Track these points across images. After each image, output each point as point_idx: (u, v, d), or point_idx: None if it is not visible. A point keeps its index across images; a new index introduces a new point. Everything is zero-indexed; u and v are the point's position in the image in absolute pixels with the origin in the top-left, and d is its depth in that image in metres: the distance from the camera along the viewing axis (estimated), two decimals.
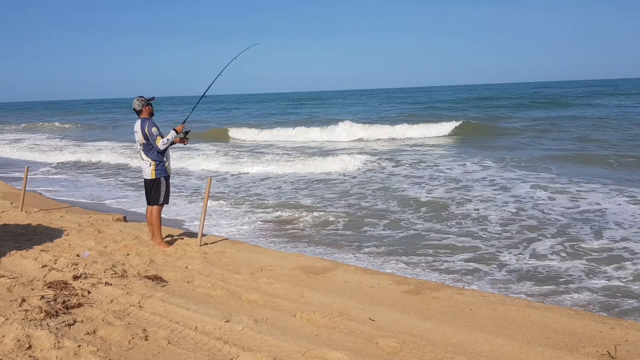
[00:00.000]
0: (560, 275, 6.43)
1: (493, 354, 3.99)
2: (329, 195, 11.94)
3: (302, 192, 12.53)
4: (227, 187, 13.60)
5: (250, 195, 12.39)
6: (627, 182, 11.84)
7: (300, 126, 29.24)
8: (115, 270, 5.81)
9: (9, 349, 3.71)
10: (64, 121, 49.25)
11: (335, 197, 11.67)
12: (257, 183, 14.12)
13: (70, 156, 21.50)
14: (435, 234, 8.39)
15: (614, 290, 5.88)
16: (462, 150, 19.55)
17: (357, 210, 10.17)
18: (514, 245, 7.65)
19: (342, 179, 13.94)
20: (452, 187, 11.93)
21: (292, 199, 11.55)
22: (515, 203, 10.15)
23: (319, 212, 10.00)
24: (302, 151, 21.15)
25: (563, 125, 25.36)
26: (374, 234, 8.62)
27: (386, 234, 8.54)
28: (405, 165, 15.48)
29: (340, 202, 11.09)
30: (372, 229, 8.86)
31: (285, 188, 13.10)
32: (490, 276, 6.51)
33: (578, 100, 43.26)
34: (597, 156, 15.96)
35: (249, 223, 9.54)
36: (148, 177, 6.97)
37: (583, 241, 7.65)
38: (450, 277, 6.49)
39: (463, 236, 8.20)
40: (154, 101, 7.07)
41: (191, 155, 19.12)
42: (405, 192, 11.75)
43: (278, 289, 5.45)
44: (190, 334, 4.20)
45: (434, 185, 12.35)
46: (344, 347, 4.00)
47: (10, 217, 8.89)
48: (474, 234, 8.32)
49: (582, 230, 8.19)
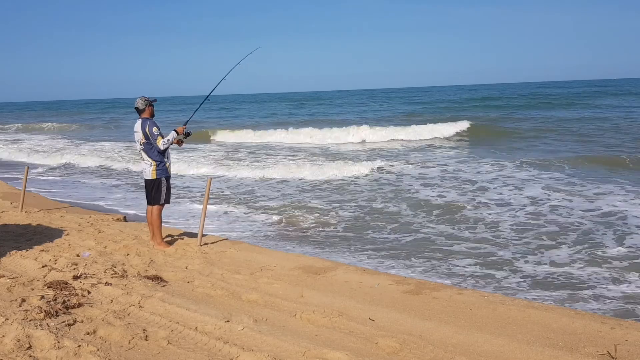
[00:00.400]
0: (583, 282, 6.24)
1: (493, 354, 3.99)
2: (337, 197, 11.81)
3: (308, 194, 12.37)
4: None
5: (257, 197, 12.32)
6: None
7: (304, 127, 28.50)
8: (115, 270, 5.81)
9: (9, 349, 3.71)
10: (66, 121, 48.95)
11: (345, 199, 11.52)
12: (266, 185, 14.03)
13: (71, 158, 21.40)
14: (447, 239, 8.20)
15: (637, 300, 5.71)
16: (473, 150, 19.40)
17: (366, 213, 10.06)
18: (530, 251, 7.41)
19: (350, 180, 13.75)
20: (466, 189, 11.69)
21: (300, 201, 11.46)
22: (532, 205, 9.90)
23: (328, 214, 9.96)
24: (310, 152, 20.90)
25: (570, 125, 25.03)
26: (385, 236, 8.52)
27: (392, 237, 8.45)
28: (415, 166, 15.26)
29: (350, 204, 10.94)
30: (380, 232, 8.76)
31: (291, 190, 12.95)
32: (505, 282, 6.35)
33: (582, 100, 42.87)
34: (610, 156, 15.64)
35: (261, 225, 9.49)
36: (149, 178, 6.97)
37: (605, 247, 7.41)
38: (465, 283, 6.33)
39: (476, 241, 8.01)
40: (156, 103, 7.10)
41: (191, 157, 19.05)
42: (417, 194, 11.55)
43: (278, 289, 5.45)
44: (190, 334, 4.20)
45: (446, 187, 12.11)
46: (344, 347, 4.00)
47: (10, 217, 8.89)
48: (487, 239, 8.13)
49: (604, 236, 7.90)
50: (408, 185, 12.57)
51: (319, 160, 17.53)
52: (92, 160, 20.11)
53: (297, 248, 7.91)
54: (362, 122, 29.21)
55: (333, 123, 30.57)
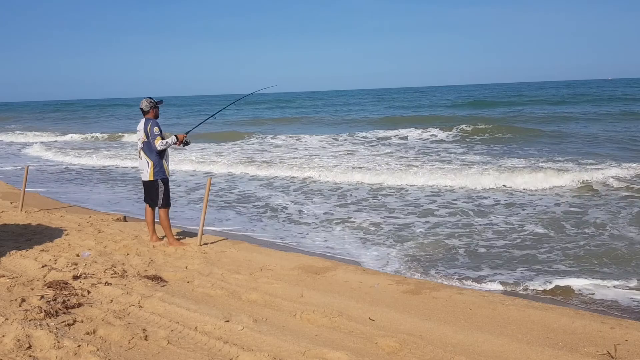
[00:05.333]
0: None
1: (493, 354, 3.99)
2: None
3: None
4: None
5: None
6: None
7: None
8: (115, 270, 5.81)
9: (8, 348, 3.71)
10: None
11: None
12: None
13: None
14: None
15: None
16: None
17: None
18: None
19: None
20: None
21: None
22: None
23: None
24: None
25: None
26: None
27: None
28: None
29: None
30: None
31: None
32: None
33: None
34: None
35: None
36: (146, 179, 7.01)
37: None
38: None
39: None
40: (162, 104, 7.20)
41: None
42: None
43: (278, 288, 5.45)
44: (190, 333, 4.20)
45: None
46: (344, 347, 4.00)
47: (10, 217, 8.89)
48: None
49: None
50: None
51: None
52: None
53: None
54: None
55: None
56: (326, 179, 14.08)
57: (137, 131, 7.06)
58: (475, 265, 6.94)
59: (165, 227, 7.11)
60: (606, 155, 15.59)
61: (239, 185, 13.83)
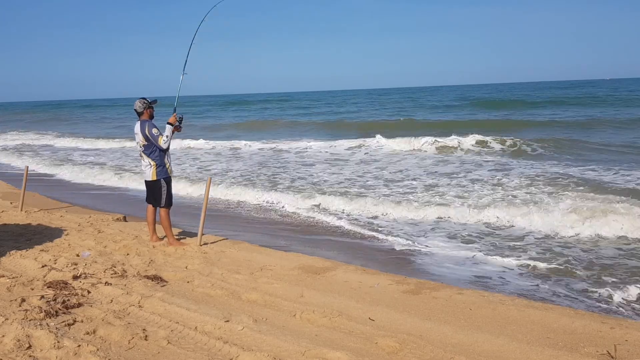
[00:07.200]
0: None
1: (493, 354, 3.99)
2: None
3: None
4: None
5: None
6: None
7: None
8: (115, 270, 5.81)
9: (8, 348, 3.71)
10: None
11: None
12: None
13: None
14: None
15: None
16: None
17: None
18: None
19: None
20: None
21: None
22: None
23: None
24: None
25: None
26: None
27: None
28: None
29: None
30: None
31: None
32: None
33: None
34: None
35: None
36: (149, 179, 7.01)
37: None
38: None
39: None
40: (156, 104, 7.05)
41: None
42: None
43: (278, 288, 5.45)
44: (190, 333, 4.20)
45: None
46: (344, 347, 4.00)
47: (10, 217, 8.89)
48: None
49: None
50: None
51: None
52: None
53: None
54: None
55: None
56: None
57: (135, 134, 7.00)
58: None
59: (166, 227, 7.12)
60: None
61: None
